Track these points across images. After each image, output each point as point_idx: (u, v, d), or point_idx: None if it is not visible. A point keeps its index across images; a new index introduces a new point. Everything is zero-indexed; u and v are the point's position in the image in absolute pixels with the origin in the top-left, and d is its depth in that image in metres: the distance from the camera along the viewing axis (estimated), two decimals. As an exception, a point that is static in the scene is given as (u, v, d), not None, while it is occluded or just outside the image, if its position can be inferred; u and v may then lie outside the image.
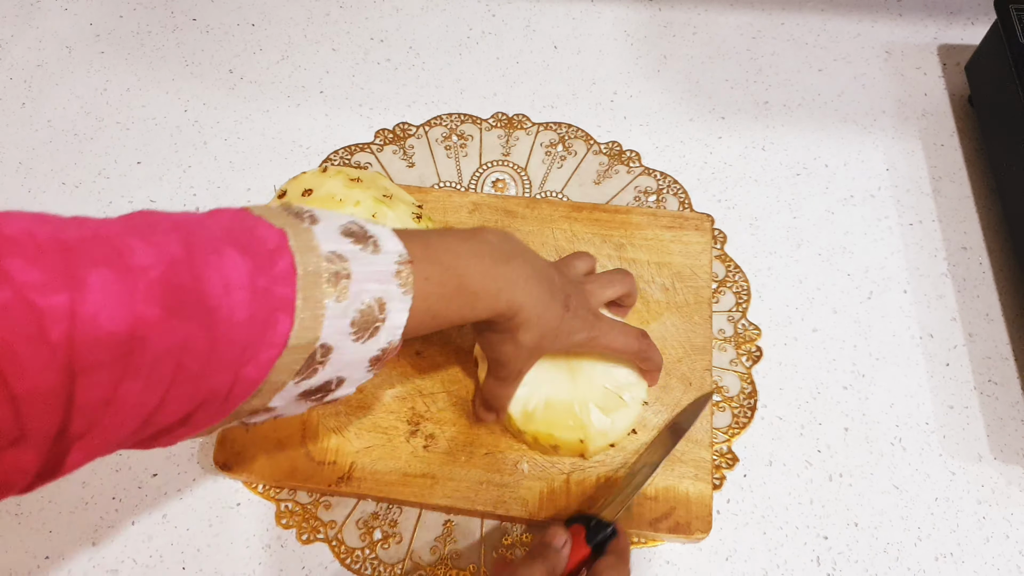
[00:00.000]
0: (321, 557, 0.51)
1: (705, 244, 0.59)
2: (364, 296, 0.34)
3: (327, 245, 0.34)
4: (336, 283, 0.33)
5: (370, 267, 0.35)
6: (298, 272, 0.32)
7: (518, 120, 0.69)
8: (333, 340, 0.33)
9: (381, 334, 0.35)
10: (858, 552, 0.51)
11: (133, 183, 0.67)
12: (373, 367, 0.36)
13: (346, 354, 0.34)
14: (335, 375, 0.35)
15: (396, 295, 0.35)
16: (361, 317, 0.34)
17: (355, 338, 0.34)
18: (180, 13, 0.78)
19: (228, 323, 0.30)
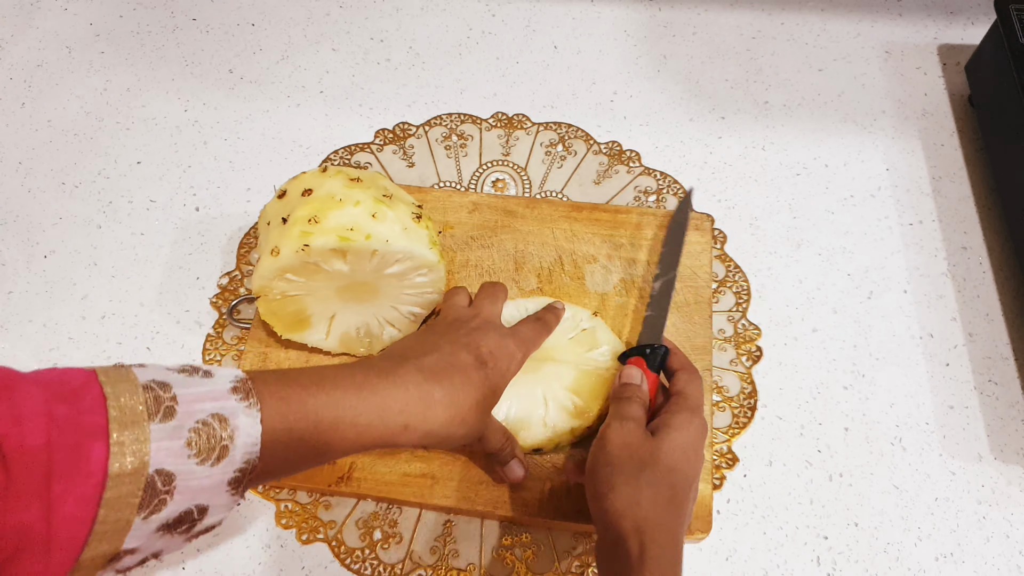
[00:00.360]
0: (321, 557, 0.51)
1: (705, 244, 0.59)
2: (197, 415, 0.32)
3: (146, 377, 0.32)
4: (158, 406, 0.31)
5: (198, 389, 0.33)
6: (108, 400, 0.30)
7: (518, 120, 0.69)
8: (171, 465, 0.31)
9: (234, 453, 0.33)
10: (858, 552, 0.51)
11: (133, 183, 0.67)
12: (236, 491, 0.34)
13: (194, 480, 0.32)
14: (191, 504, 0.33)
15: (239, 410, 0.34)
16: (199, 437, 0.32)
17: (199, 461, 0.32)
18: (180, 13, 0.78)
19: (19, 450, 0.28)
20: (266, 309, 0.51)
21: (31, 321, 0.60)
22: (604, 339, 0.53)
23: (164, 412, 0.31)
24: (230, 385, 0.34)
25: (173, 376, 0.33)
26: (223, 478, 0.33)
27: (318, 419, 0.37)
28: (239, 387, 0.34)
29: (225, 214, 0.65)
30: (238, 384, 0.35)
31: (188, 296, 0.61)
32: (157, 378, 0.33)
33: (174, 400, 0.32)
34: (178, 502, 0.32)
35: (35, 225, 0.65)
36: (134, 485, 0.30)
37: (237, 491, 0.34)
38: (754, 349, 0.58)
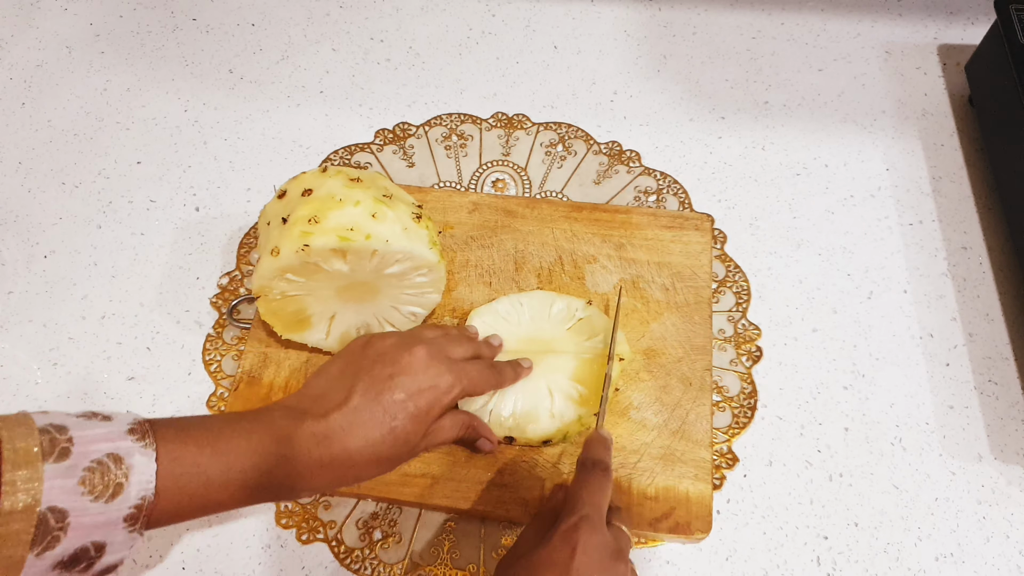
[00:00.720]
0: (321, 557, 0.50)
1: (705, 244, 0.59)
2: (91, 454, 0.33)
3: (43, 421, 0.33)
4: (53, 447, 0.32)
5: (95, 431, 0.34)
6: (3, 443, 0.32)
7: (518, 120, 0.69)
8: (64, 503, 0.32)
9: (129, 490, 0.34)
10: (858, 552, 0.51)
11: (133, 183, 0.67)
12: (132, 527, 0.35)
13: (88, 516, 0.33)
14: (87, 541, 0.33)
15: (134, 450, 0.35)
16: (93, 476, 0.33)
17: (93, 498, 0.33)
18: (180, 13, 0.78)
19: None
20: (266, 309, 0.51)
21: (31, 321, 0.60)
22: (601, 327, 0.54)
23: (59, 453, 0.33)
24: (127, 427, 0.36)
25: (72, 420, 0.35)
26: (118, 515, 0.34)
27: (208, 480, 0.37)
28: (136, 429, 0.36)
29: (225, 214, 0.65)
30: (135, 426, 0.36)
31: (188, 296, 0.61)
32: (55, 422, 0.34)
33: (70, 441, 0.33)
34: (72, 539, 0.33)
35: (35, 225, 0.64)
36: (26, 522, 0.31)
37: (134, 527, 0.35)
38: (754, 349, 0.58)
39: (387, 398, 0.42)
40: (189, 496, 0.37)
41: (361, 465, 0.42)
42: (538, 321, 0.54)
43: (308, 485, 0.41)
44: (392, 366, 0.43)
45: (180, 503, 0.37)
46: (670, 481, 0.50)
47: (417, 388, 0.43)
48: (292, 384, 0.54)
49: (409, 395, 0.43)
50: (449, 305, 0.57)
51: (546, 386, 0.51)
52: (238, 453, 0.38)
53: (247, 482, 0.39)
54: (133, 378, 0.57)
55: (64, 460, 0.33)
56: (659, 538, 0.50)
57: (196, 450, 0.37)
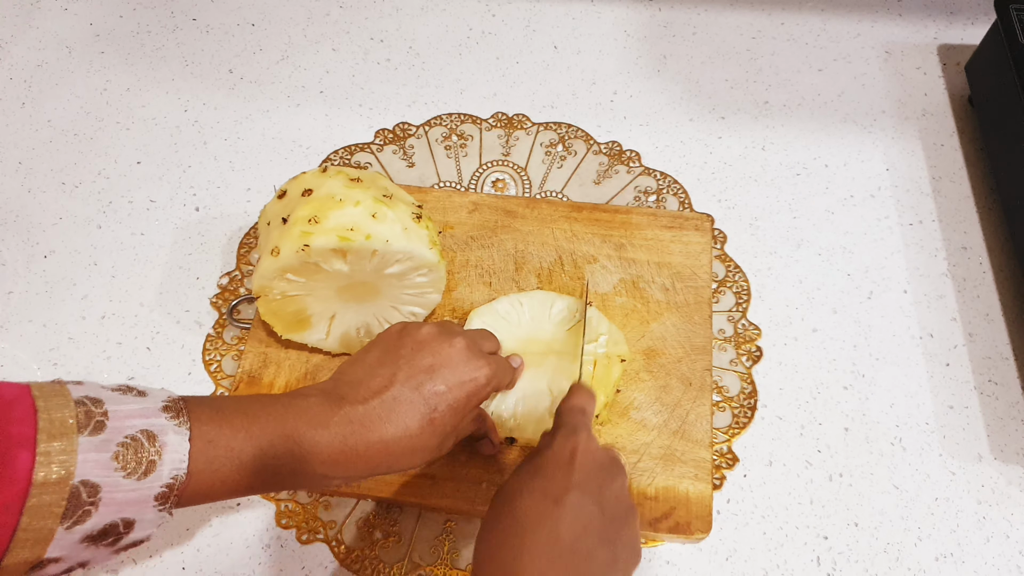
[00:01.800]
0: (321, 557, 0.51)
1: (705, 244, 0.59)
2: (126, 430, 0.33)
3: (79, 393, 0.33)
4: (88, 420, 0.32)
5: (130, 406, 0.34)
6: (39, 412, 0.32)
7: (518, 120, 0.69)
8: (97, 477, 0.32)
9: (161, 469, 0.34)
10: (858, 552, 0.51)
11: (133, 183, 0.67)
12: (163, 506, 0.35)
13: (120, 493, 0.33)
14: (117, 517, 0.33)
15: (168, 428, 0.35)
16: (126, 451, 0.33)
17: (125, 474, 0.33)
18: (180, 13, 0.78)
19: None
20: (266, 309, 0.51)
21: (31, 321, 0.60)
22: (602, 328, 0.54)
23: (94, 426, 0.32)
24: (162, 404, 0.35)
25: (107, 393, 0.34)
26: (150, 493, 0.34)
27: (241, 463, 0.37)
28: (171, 407, 0.36)
29: (225, 214, 0.65)
30: (170, 404, 0.36)
31: (188, 296, 0.61)
32: (91, 395, 0.34)
33: (105, 415, 0.33)
34: (103, 514, 0.33)
35: (35, 225, 0.64)
36: (58, 495, 0.31)
37: (164, 507, 0.35)
38: (754, 349, 0.58)
39: (428, 388, 0.41)
40: (221, 479, 0.37)
41: (396, 455, 0.41)
42: (538, 321, 0.54)
43: (342, 473, 0.40)
44: (433, 356, 0.43)
45: (212, 485, 0.36)
46: (670, 481, 0.50)
47: (458, 380, 0.42)
48: (292, 384, 0.54)
49: (450, 387, 0.42)
50: (449, 305, 0.57)
51: (547, 387, 0.51)
52: (272, 438, 0.38)
53: (280, 468, 0.38)
54: (133, 378, 0.57)
55: (99, 434, 0.32)
56: (659, 538, 0.50)
57: (230, 433, 0.37)
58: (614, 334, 0.54)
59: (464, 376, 0.43)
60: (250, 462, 0.37)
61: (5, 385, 0.33)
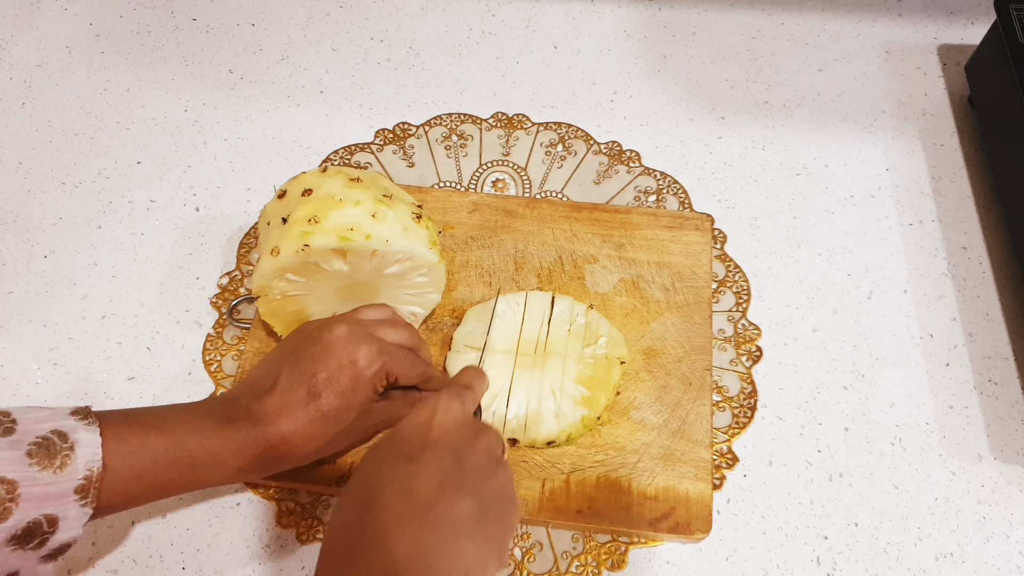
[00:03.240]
0: (321, 557, 0.50)
1: (705, 244, 0.59)
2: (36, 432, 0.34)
3: None
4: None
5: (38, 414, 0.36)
6: None
7: (518, 120, 0.69)
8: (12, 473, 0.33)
9: (76, 463, 0.35)
10: (858, 552, 0.51)
11: (133, 183, 0.67)
12: (84, 499, 0.35)
13: (38, 487, 0.33)
14: (39, 514, 0.34)
15: (78, 427, 0.36)
16: (39, 448, 0.34)
17: (40, 468, 0.34)
18: (180, 13, 0.78)
19: None
20: (266, 309, 0.51)
21: (31, 321, 0.60)
22: (603, 331, 0.54)
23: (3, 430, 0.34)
24: (69, 410, 0.37)
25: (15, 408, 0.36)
26: (68, 486, 0.35)
27: (155, 458, 0.39)
28: (79, 411, 0.37)
29: (225, 214, 0.65)
30: (78, 409, 0.37)
31: (188, 296, 0.61)
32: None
33: (13, 422, 0.34)
34: (24, 510, 0.33)
35: (35, 225, 0.64)
36: None
37: (86, 500, 0.35)
38: (754, 349, 0.58)
39: (310, 377, 0.42)
40: (138, 475, 0.38)
41: (298, 445, 0.42)
42: (538, 323, 0.54)
43: (255, 467, 0.42)
44: (314, 345, 0.44)
45: (129, 481, 0.38)
46: (670, 481, 0.50)
47: (337, 364, 0.43)
48: (292, 384, 0.54)
49: (330, 372, 0.42)
50: (449, 305, 0.57)
51: (550, 388, 0.51)
52: (181, 433, 0.40)
53: (193, 461, 0.40)
54: (133, 378, 0.57)
55: (9, 436, 0.34)
56: (659, 538, 0.50)
57: (141, 431, 0.39)
58: (614, 336, 0.54)
59: (343, 359, 0.43)
60: (164, 456, 0.39)
61: None
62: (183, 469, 0.39)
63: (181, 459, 0.39)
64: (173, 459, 0.39)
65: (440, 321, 0.57)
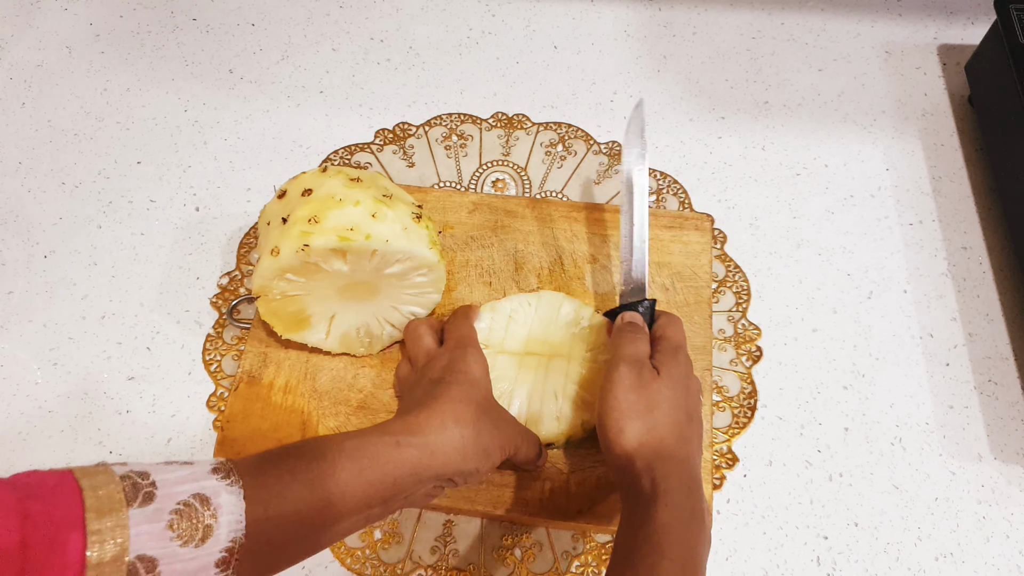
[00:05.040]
0: (321, 557, 0.50)
1: (705, 244, 0.59)
2: (177, 496, 0.32)
3: (123, 470, 0.32)
4: (136, 492, 0.31)
5: (177, 473, 0.33)
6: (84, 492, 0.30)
7: (518, 120, 0.69)
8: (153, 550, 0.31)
9: (219, 532, 0.33)
10: (858, 552, 0.51)
11: (133, 183, 0.67)
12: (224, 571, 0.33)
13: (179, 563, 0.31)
14: None
15: (220, 488, 0.33)
16: (180, 519, 0.32)
17: (182, 543, 0.31)
18: (180, 13, 0.78)
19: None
20: (266, 309, 0.51)
21: (31, 321, 0.60)
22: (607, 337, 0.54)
23: (143, 497, 0.31)
24: (210, 467, 0.34)
25: (152, 466, 0.33)
26: (209, 559, 0.33)
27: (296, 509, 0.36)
28: (219, 468, 0.34)
29: (225, 214, 0.65)
30: (218, 465, 0.35)
31: (188, 296, 0.61)
32: (135, 469, 0.32)
33: (153, 485, 0.32)
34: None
35: (35, 225, 0.64)
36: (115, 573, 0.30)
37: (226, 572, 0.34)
38: (754, 349, 0.58)
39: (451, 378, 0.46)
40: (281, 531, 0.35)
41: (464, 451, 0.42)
42: (546, 323, 0.54)
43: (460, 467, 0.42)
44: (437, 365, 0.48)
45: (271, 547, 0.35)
46: (670, 481, 0.50)
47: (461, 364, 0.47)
48: (292, 384, 0.54)
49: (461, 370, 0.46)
50: (449, 305, 0.57)
51: (552, 390, 0.51)
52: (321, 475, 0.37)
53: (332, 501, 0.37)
54: (133, 378, 0.57)
55: (149, 504, 0.31)
56: (659, 538, 0.50)
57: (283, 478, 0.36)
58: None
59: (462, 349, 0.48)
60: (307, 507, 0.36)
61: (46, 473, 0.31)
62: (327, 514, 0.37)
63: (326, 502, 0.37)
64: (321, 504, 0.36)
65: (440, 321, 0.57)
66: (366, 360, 0.55)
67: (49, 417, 0.55)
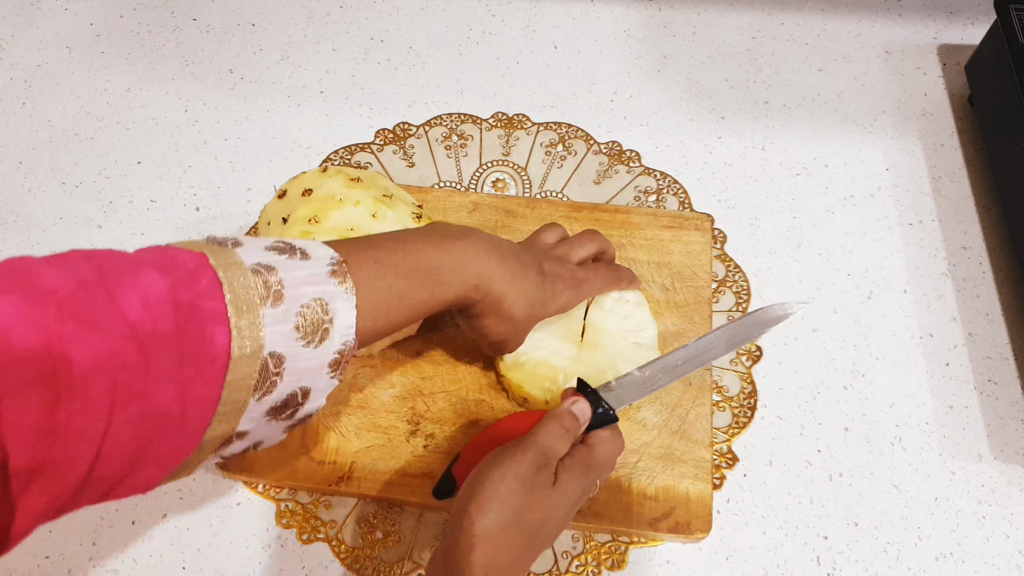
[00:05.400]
0: (321, 557, 0.51)
1: (705, 244, 0.59)
2: (301, 299, 0.34)
3: (251, 259, 0.34)
4: (268, 291, 0.33)
5: (300, 272, 0.35)
6: (224, 285, 0.32)
7: (518, 120, 0.70)
8: (282, 348, 0.33)
9: (333, 336, 0.35)
10: (858, 552, 0.51)
11: (133, 183, 0.67)
12: (335, 372, 0.36)
13: (301, 361, 0.34)
14: (297, 386, 0.35)
15: (338, 294, 0.36)
16: (304, 321, 0.34)
17: (305, 343, 0.34)
18: (180, 13, 0.78)
19: (154, 336, 0.30)
20: (266, 309, 0.51)
21: (31, 321, 0.60)
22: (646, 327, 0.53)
23: (274, 296, 0.33)
24: (328, 269, 0.36)
25: (273, 258, 0.35)
26: (324, 360, 0.35)
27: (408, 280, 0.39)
28: (336, 270, 0.36)
29: (225, 214, 0.65)
30: (335, 267, 0.36)
31: (188, 296, 0.61)
32: (261, 260, 0.34)
33: (280, 284, 0.34)
34: (287, 383, 0.34)
35: (35, 225, 0.65)
36: (251, 367, 0.32)
37: (336, 373, 0.36)
38: (754, 349, 0.58)
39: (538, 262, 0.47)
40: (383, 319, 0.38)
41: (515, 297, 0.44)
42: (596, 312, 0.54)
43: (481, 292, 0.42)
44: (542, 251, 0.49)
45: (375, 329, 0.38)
46: (670, 481, 0.50)
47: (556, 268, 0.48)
48: (292, 384, 0.54)
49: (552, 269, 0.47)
50: (449, 305, 0.57)
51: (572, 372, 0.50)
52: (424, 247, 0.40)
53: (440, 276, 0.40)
54: (133, 378, 0.57)
55: (279, 304, 0.33)
56: (659, 538, 0.50)
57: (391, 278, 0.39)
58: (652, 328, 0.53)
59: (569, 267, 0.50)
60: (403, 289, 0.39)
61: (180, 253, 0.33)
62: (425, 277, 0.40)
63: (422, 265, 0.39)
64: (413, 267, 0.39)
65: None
66: (366, 360, 0.55)
67: (49, 417, 0.55)
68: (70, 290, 0.29)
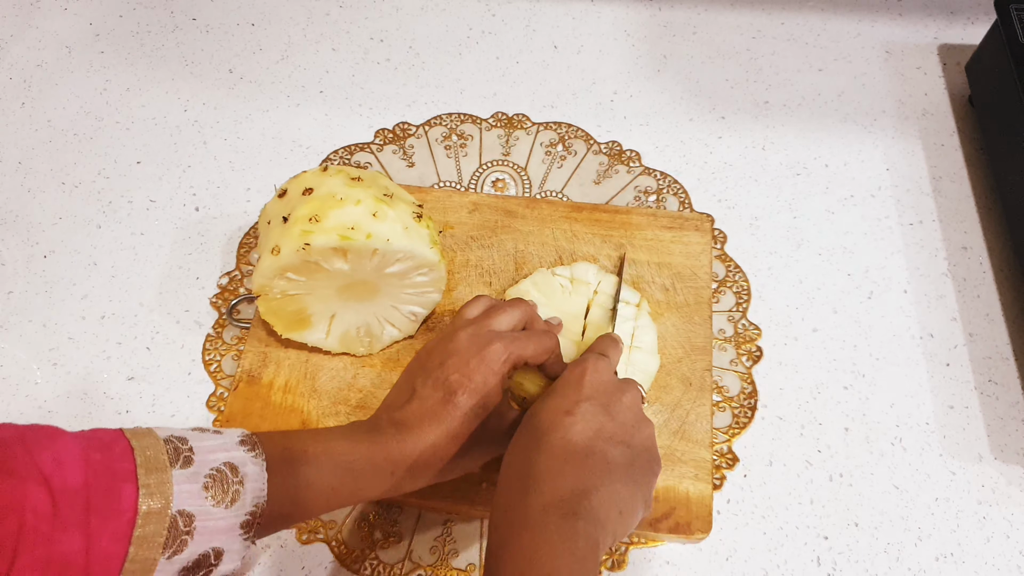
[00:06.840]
0: (321, 557, 0.50)
1: (705, 244, 0.59)
2: (212, 463, 0.36)
3: (164, 434, 0.36)
4: (178, 456, 0.35)
5: (211, 442, 0.37)
6: (136, 451, 0.34)
7: (518, 120, 0.69)
8: (191, 506, 0.34)
9: (245, 497, 0.37)
10: (858, 552, 0.51)
11: (133, 183, 0.67)
12: (247, 533, 0.37)
13: (212, 520, 0.35)
14: (209, 546, 0.35)
15: (246, 460, 0.38)
16: (214, 482, 0.36)
17: (215, 502, 0.35)
18: (180, 13, 0.78)
19: (64, 489, 0.31)
20: (266, 308, 0.51)
21: (31, 321, 0.60)
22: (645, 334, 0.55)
23: (183, 460, 0.35)
24: (237, 439, 0.39)
25: (189, 433, 0.38)
26: (236, 520, 0.36)
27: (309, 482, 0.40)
28: (246, 441, 0.39)
29: (225, 214, 0.65)
30: (245, 439, 0.39)
31: (188, 296, 0.61)
32: (175, 434, 0.37)
33: (191, 451, 0.36)
34: (197, 543, 0.35)
35: (35, 225, 0.64)
36: (160, 524, 0.33)
37: (248, 535, 0.37)
38: (754, 349, 0.58)
39: (443, 381, 0.44)
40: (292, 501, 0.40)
41: (443, 447, 0.43)
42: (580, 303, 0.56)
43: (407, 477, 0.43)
44: (442, 353, 0.45)
45: (284, 509, 0.39)
46: (670, 481, 0.50)
47: (466, 364, 0.44)
48: (292, 383, 0.54)
49: (461, 372, 0.43)
50: (449, 305, 0.57)
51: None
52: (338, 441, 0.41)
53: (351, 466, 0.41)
54: (133, 378, 0.57)
55: (188, 467, 0.35)
56: (659, 538, 0.50)
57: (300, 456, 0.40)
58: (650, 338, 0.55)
59: (471, 358, 0.44)
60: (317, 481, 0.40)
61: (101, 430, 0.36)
62: (343, 476, 0.41)
63: (340, 465, 0.41)
64: (333, 466, 0.40)
65: (440, 321, 0.57)
66: (366, 360, 0.55)
67: (49, 417, 0.55)
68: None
